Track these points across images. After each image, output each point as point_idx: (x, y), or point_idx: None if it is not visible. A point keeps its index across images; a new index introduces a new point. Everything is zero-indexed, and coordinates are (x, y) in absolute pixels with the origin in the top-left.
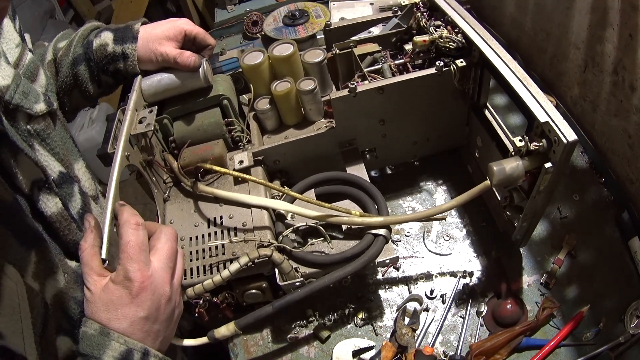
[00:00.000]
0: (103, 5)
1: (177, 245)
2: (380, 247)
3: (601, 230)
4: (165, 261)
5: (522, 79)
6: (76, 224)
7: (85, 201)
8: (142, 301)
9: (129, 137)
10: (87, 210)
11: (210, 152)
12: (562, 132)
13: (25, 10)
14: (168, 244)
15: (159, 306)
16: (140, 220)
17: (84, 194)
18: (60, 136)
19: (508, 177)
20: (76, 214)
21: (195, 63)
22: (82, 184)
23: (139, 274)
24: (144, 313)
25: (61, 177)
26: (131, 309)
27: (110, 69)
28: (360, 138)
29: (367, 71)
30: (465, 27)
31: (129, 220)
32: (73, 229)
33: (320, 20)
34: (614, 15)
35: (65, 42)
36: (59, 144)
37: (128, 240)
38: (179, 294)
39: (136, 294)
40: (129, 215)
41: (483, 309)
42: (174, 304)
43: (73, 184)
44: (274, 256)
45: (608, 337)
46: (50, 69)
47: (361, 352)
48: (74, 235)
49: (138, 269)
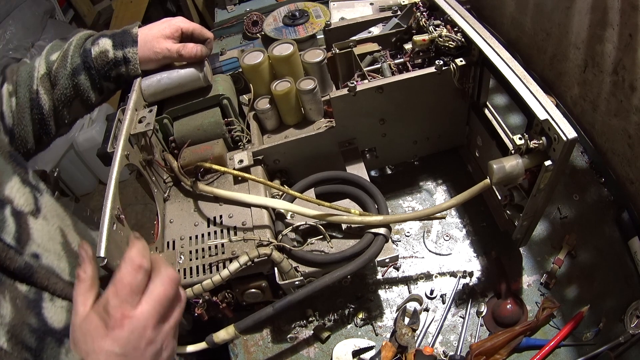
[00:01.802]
0: (103, 5)
1: (174, 290)
2: (380, 246)
3: (601, 230)
4: (153, 304)
5: (522, 77)
6: (14, 250)
7: (21, 221)
8: (118, 337)
9: (129, 137)
10: (24, 230)
11: (210, 152)
12: (562, 130)
13: (25, 10)
14: (161, 287)
15: (138, 347)
16: (145, 263)
17: (19, 214)
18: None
19: (508, 175)
20: (12, 239)
21: (201, 52)
22: (15, 204)
23: (119, 311)
24: (120, 350)
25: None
26: (106, 342)
27: (112, 75)
28: (360, 137)
29: (366, 70)
30: (465, 25)
31: (133, 259)
32: (12, 256)
33: (320, 20)
34: (614, 15)
35: (57, 54)
36: None
37: (122, 277)
38: (169, 338)
39: (112, 328)
40: (137, 253)
41: (483, 309)
42: (158, 348)
43: (4, 208)
44: (273, 255)
45: (608, 337)
46: (44, 83)
47: (361, 352)
48: (15, 262)
49: (119, 306)
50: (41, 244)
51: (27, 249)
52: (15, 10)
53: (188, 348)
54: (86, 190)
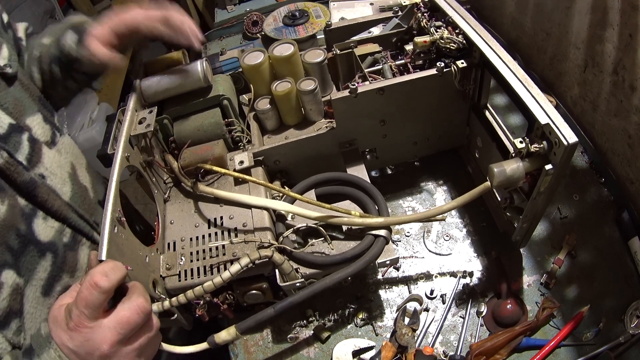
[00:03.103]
0: (103, 5)
1: (140, 318)
2: (381, 248)
3: (601, 230)
4: (115, 324)
5: (523, 80)
6: (23, 166)
7: (35, 146)
8: (73, 337)
9: (129, 138)
10: (36, 154)
11: (210, 153)
12: (563, 134)
13: (25, 10)
14: (127, 312)
15: (91, 354)
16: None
17: (35, 141)
18: (15, 95)
19: (508, 179)
20: (24, 159)
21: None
22: (33, 132)
23: (77, 319)
24: (73, 347)
25: (10, 128)
26: (64, 335)
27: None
28: (360, 138)
29: (367, 72)
30: (466, 27)
31: (92, 277)
32: (20, 171)
33: (320, 20)
34: (614, 15)
35: (47, 39)
36: (10, 101)
37: (80, 291)
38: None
39: (70, 329)
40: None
41: (483, 309)
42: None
43: (22, 133)
44: (274, 257)
45: (608, 337)
46: (36, 64)
47: (361, 352)
48: (22, 176)
49: (78, 315)
50: (49, 168)
51: (35, 169)
52: (15, 10)
53: (189, 348)
54: None
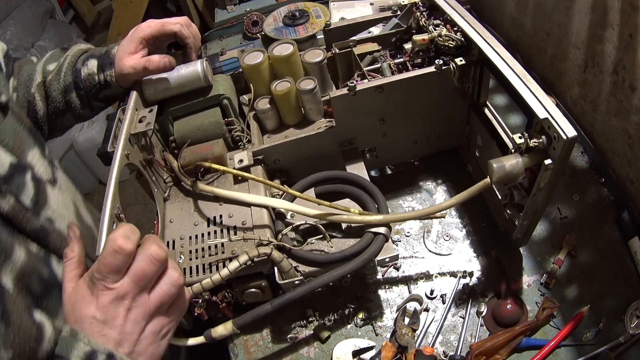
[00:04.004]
0: (103, 5)
1: (155, 266)
2: (380, 246)
3: (601, 230)
4: (131, 279)
5: (522, 76)
6: (31, 212)
7: (40, 187)
8: (101, 305)
9: (129, 136)
10: (42, 195)
11: (210, 152)
12: (562, 128)
13: (25, 10)
14: (140, 263)
15: (117, 315)
16: (125, 245)
17: (38, 180)
18: (11, 128)
19: (508, 174)
20: (30, 201)
21: (169, 63)
22: (35, 171)
23: (102, 283)
24: (101, 317)
25: (11, 169)
26: (90, 308)
27: (100, 96)
28: (360, 137)
29: (366, 70)
30: (464, 25)
31: (115, 241)
32: (29, 218)
33: (320, 20)
34: (614, 15)
35: (54, 65)
36: (9, 135)
37: (103, 258)
38: (152, 310)
39: (96, 295)
40: (118, 235)
41: (483, 309)
42: (140, 317)
43: (25, 172)
44: (273, 255)
45: (608, 337)
46: (40, 91)
47: (361, 352)
48: (31, 224)
49: (102, 280)
50: (56, 210)
51: (42, 212)
52: (15, 10)
53: (187, 341)
54: (86, 190)
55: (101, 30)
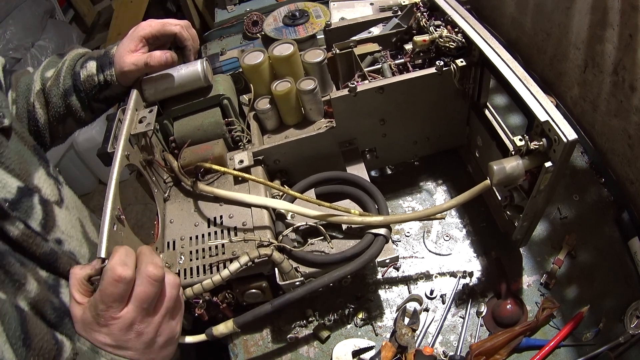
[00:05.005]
0: (103, 5)
1: (155, 287)
2: (380, 247)
3: (601, 230)
4: (136, 304)
5: (522, 78)
6: (41, 237)
7: (47, 209)
8: (109, 333)
9: (129, 137)
10: (50, 217)
11: (210, 152)
12: (562, 131)
13: (25, 10)
14: (141, 288)
15: (128, 340)
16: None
17: (46, 202)
18: (16, 150)
19: (508, 177)
20: (38, 225)
21: (169, 59)
22: (42, 193)
23: (106, 314)
24: (112, 342)
25: (19, 193)
26: (100, 336)
27: (100, 97)
28: (360, 138)
29: (367, 71)
30: (465, 26)
31: (114, 271)
32: (39, 242)
33: (320, 20)
34: (614, 15)
35: (52, 72)
36: (14, 159)
37: (105, 289)
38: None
39: (102, 325)
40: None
41: (483, 309)
42: (151, 337)
43: (32, 196)
44: (274, 256)
45: (608, 337)
46: (39, 98)
47: (361, 352)
48: (41, 248)
49: (106, 310)
50: (65, 230)
51: (51, 234)
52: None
53: (188, 338)
54: (86, 190)
55: (101, 30)
